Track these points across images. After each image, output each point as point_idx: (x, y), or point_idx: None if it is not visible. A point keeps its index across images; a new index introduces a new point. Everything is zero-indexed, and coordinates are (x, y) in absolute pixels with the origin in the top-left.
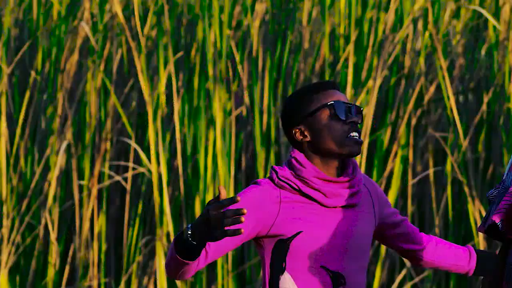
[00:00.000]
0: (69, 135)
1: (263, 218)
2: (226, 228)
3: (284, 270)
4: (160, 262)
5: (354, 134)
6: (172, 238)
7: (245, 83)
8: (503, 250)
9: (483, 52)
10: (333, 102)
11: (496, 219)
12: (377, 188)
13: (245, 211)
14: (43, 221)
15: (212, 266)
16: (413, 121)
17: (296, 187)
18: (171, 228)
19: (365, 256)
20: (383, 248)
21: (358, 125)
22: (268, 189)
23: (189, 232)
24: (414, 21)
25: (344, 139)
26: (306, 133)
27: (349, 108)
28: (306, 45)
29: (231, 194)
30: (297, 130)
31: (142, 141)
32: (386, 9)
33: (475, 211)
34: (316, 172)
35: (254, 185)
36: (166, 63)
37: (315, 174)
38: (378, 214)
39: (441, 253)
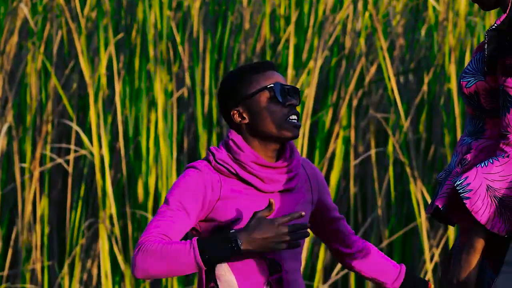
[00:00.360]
0: (9, 117)
1: (205, 202)
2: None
3: None
4: (103, 245)
5: (293, 117)
6: (115, 220)
7: (186, 64)
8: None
9: (423, 32)
10: (272, 84)
11: (439, 204)
12: (318, 174)
13: (303, 213)
14: None
15: None
16: (355, 102)
17: (234, 171)
18: (113, 210)
19: (302, 243)
20: None
21: (296, 106)
22: (208, 173)
23: (237, 239)
24: (354, 2)
25: (283, 122)
26: (244, 115)
27: (288, 91)
28: (246, 26)
29: (173, 176)
30: (235, 111)
31: (84, 123)
32: None
33: (417, 191)
34: (255, 156)
35: (193, 169)
36: (106, 45)
37: (253, 159)
38: (316, 200)
39: (368, 264)
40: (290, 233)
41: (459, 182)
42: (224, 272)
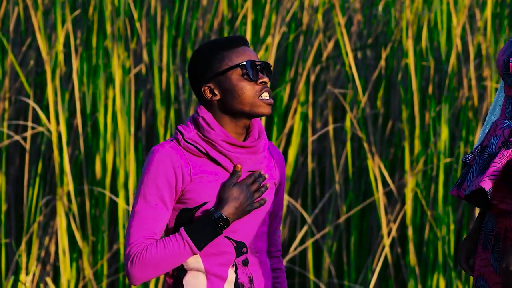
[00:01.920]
0: None
1: (177, 187)
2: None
3: None
4: (61, 222)
5: (265, 94)
6: (73, 197)
7: (143, 41)
8: (480, 216)
9: (380, 8)
10: (244, 62)
11: (487, 186)
12: (282, 161)
13: (262, 172)
14: None
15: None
16: (312, 78)
17: (204, 151)
18: (71, 187)
19: (266, 222)
20: (284, 205)
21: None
22: (177, 156)
23: (224, 216)
24: None
25: (255, 100)
26: (216, 91)
27: (260, 67)
28: (204, 2)
29: (131, 153)
30: (207, 88)
31: (41, 100)
32: None
33: (375, 167)
34: (225, 135)
35: (161, 153)
36: (63, 22)
37: (223, 138)
38: (278, 186)
39: (273, 278)
40: (257, 191)
41: None
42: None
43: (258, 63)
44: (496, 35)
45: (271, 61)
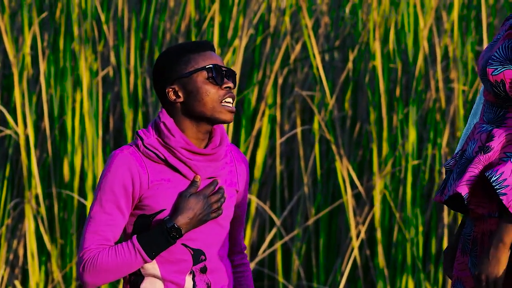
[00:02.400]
0: None
1: (134, 194)
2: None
3: None
4: (29, 225)
5: (229, 100)
6: (41, 200)
7: (111, 43)
8: (462, 222)
9: (347, 10)
10: (211, 65)
11: (463, 191)
12: (245, 164)
13: (218, 180)
14: None
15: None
16: (280, 80)
17: (163, 157)
18: (39, 190)
19: (225, 231)
20: (252, 207)
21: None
22: (136, 163)
23: (176, 227)
24: None
25: (218, 105)
26: (180, 93)
27: (225, 73)
28: (171, 4)
29: (99, 155)
30: (171, 89)
31: (8, 103)
32: None
33: (343, 169)
34: (185, 142)
35: (119, 158)
36: (30, 24)
37: (183, 145)
38: (240, 190)
39: (240, 279)
40: (216, 202)
41: (494, 178)
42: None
43: (224, 69)
44: (463, 37)
45: (238, 63)
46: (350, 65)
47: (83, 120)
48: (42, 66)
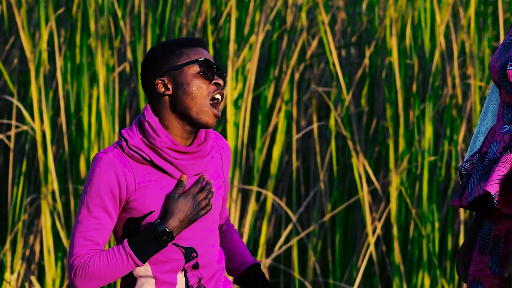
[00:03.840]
0: None
1: (121, 197)
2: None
3: None
4: (46, 221)
5: (218, 96)
6: (57, 196)
7: (127, 39)
8: (475, 222)
9: (364, 6)
10: (203, 59)
11: (492, 190)
12: (228, 151)
13: (205, 176)
14: None
15: None
16: (296, 76)
17: (148, 159)
18: (56, 186)
19: (216, 223)
20: (269, 203)
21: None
22: (120, 165)
23: (167, 231)
24: None
25: (206, 102)
26: (169, 85)
27: (216, 70)
28: (188, 0)
29: None
30: (160, 81)
31: (25, 99)
32: None
33: (359, 165)
34: (170, 142)
35: (103, 162)
36: (47, 20)
37: (168, 145)
38: (225, 178)
39: (229, 242)
40: (204, 199)
41: None
42: None
43: (215, 65)
44: (479, 33)
45: (254, 59)
46: (366, 61)
47: (100, 116)
48: (59, 62)
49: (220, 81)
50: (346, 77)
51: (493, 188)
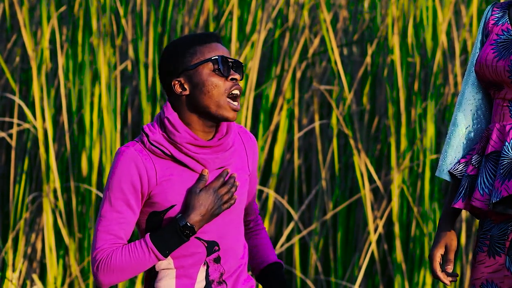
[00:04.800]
0: None
1: (143, 191)
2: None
3: None
4: (48, 219)
5: (235, 92)
6: (59, 194)
7: (129, 37)
8: (449, 223)
9: (366, 4)
10: (217, 57)
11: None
12: (254, 144)
13: (229, 170)
14: None
15: None
16: (298, 75)
17: (169, 153)
18: (57, 184)
19: (240, 216)
20: (270, 201)
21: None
22: (142, 160)
23: (189, 225)
24: None
25: (224, 98)
26: (185, 86)
27: (232, 64)
28: None
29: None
30: (177, 82)
31: (27, 97)
32: None
33: (361, 163)
34: (190, 137)
35: (125, 156)
36: (49, 18)
37: (188, 140)
38: (251, 170)
39: (255, 239)
40: (226, 193)
41: None
42: None
43: (230, 60)
44: None
45: (256, 57)
46: (368, 59)
47: (101, 114)
48: (61, 60)
49: (237, 76)
50: (348, 75)
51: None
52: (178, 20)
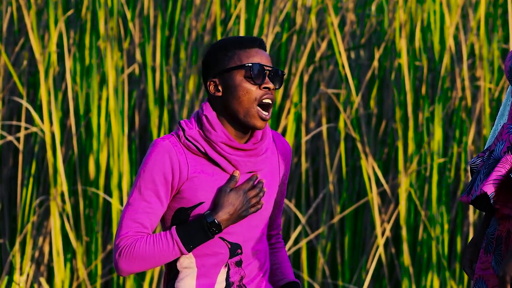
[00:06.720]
0: None
1: (173, 184)
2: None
3: None
4: (55, 222)
5: (267, 101)
6: (66, 197)
7: (137, 41)
8: (484, 220)
9: (373, 7)
10: (251, 64)
11: (489, 190)
12: (288, 151)
13: (258, 175)
14: None
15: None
16: (306, 78)
17: (203, 150)
18: (65, 188)
19: (265, 224)
20: None
21: (276, 90)
22: (176, 153)
23: (216, 222)
24: None
25: (253, 106)
26: (219, 87)
27: (268, 72)
28: (197, 2)
29: (125, 153)
30: (212, 82)
31: (34, 100)
32: None
33: (368, 167)
34: (226, 137)
35: (160, 147)
36: (56, 21)
37: (223, 140)
38: (282, 177)
39: (275, 256)
40: (254, 196)
41: None
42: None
43: (267, 68)
44: (489, 35)
45: None
46: (375, 63)
47: (109, 117)
48: (68, 64)
49: (270, 85)
50: (355, 79)
51: (489, 188)
52: (186, 23)
